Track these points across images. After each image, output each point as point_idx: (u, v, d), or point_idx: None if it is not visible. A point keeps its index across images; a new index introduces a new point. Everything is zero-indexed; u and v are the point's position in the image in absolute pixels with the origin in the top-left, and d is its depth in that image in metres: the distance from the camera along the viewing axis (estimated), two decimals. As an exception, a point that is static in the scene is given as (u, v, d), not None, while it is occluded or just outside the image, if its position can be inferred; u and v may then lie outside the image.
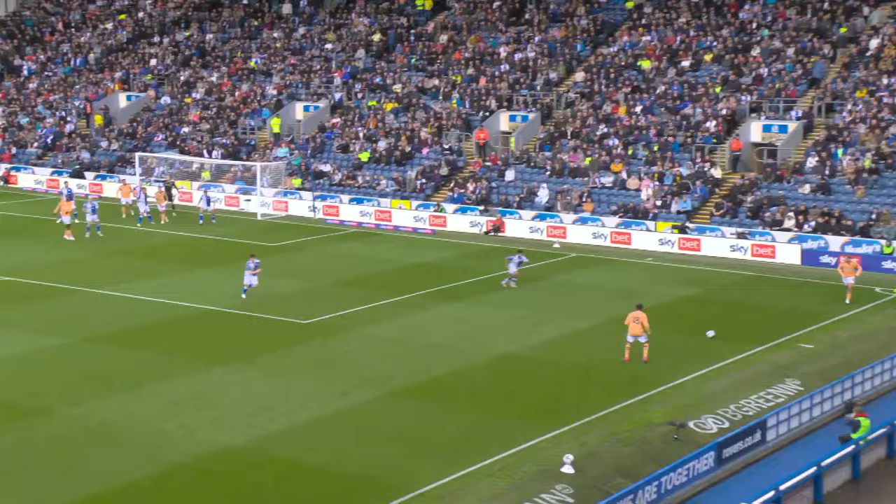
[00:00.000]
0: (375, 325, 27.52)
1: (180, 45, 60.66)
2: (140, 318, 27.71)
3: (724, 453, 18.85)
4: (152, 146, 52.41)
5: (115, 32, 63.53)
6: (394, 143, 48.44)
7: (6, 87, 60.97)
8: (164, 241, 38.79)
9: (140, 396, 21.54)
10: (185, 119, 53.96)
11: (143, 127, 54.18)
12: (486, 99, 49.36)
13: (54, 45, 64.01)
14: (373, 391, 22.35)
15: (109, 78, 58.89)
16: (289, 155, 49.42)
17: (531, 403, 22.00)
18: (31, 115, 57.31)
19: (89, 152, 52.92)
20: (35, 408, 20.67)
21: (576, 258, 37.24)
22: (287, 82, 54.66)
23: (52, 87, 59.74)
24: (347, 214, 44.51)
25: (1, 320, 27.09)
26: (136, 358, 24.24)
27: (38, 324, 26.85)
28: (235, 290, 31.26)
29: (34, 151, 54.37)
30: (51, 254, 35.79)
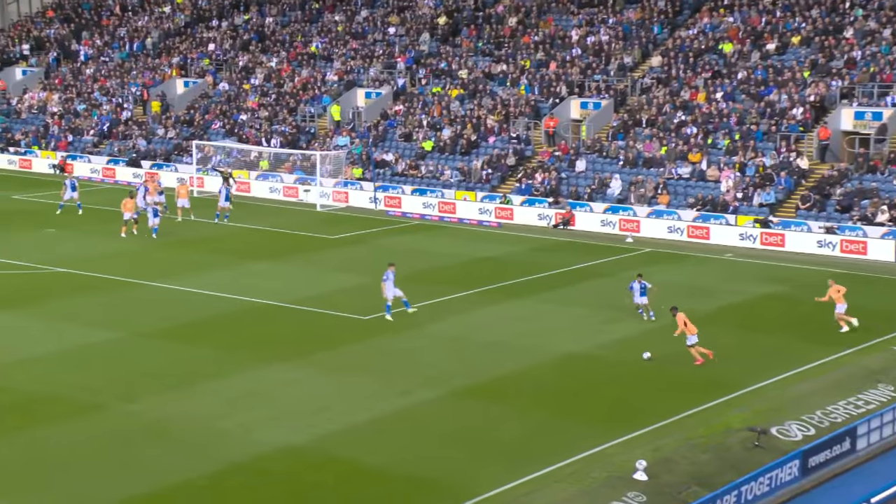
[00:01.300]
0: (438, 322, 27.67)
1: (239, 29, 61.58)
2: (195, 313, 28.25)
3: (809, 462, 18.56)
4: (209, 134, 53.34)
5: (173, 16, 64.72)
6: (459, 132, 48.54)
7: (63, 73, 62.58)
8: (221, 233, 39.46)
9: (196, 393, 21.97)
10: (243, 106, 54.79)
11: (201, 114, 55.16)
12: (557, 85, 49.17)
13: (111, 30, 65.48)
14: (434, 390, 22.49)
15: (167, 63, 60.05)
16: (349, 144, 49.86)
17: (600, 405, 21.93)
18: (87, 102, 58.76)
19: (146, 140, 54.07)
20: (91, 404, 21.24)
21: (649, 254, 36.93)
22: (348, 68, 55.13)
23: (108, 72, 61.13)
24: (410, 206, 44.75)
25: (56, 313, 27.85)
26: (192, 354, 24.72)
27: (93, 317, 27.56)
28: (292, 283, 31.68)
29: (90, 139, 55.74)
30: (106, 245, 36.66)
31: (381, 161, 48.09)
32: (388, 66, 54.42)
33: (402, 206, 44.96)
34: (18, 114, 59.85)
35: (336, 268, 33.99)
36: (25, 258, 33.85)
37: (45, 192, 46.08)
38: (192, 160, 49.62)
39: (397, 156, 48.45)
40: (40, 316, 27.46)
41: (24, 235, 37.98)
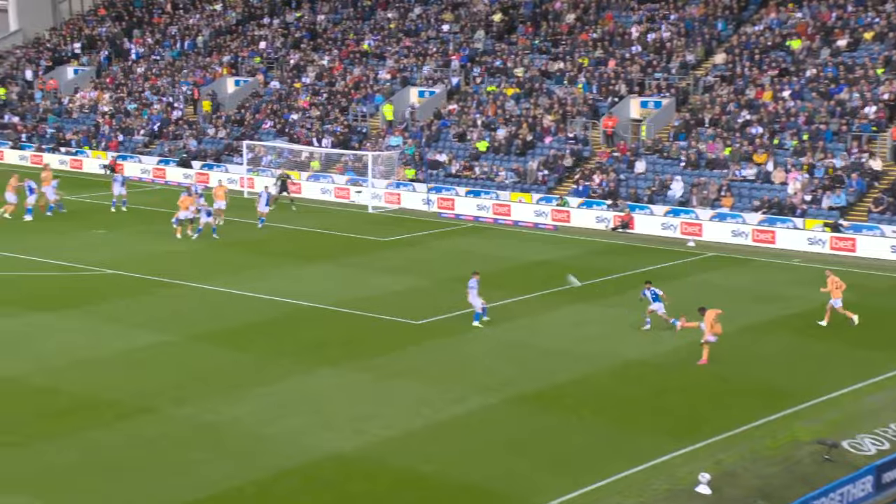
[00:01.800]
0: (493, 327, 27.55)
1: (290, 27, 62.10)
2: (245, 316, 28.46)
3: (884, 478, 18.12)
4: (260, 134, 53.82)
5: (224, 14, 65.46)
6: (514, 132, 48.41)
7: (114, 72, 63.62)
8: (270, 235, 39.76)
9: (245, 398, 22.12)
10: (294, 105, 55.22)
11: (251, 113, 55.70)
12: (616, 83, 48.79)
13: (162, 28, 66.42)
14: (490, 397, 22.38)
15: (217, 62, 60.75)
16: (402, 144, 49.98)
17: (662, 415, 21.65)
18: (138, 101, 59.64)
19: (196, 140, 54.71)
20: (140, 407, 21.49)
21: (712, 258, 36.47)
22: (401, 66, 55.27)
23: (159, 71, 62.00)
24: (464, 208, 44.72)
25: (106, 315, 28.25)
26: (241, 357, 24.91)
27: (142, 320, 27.91)
28: (343, 286, 31.79)
29: (141, 139, 56.54)
30: (155, 246, 37.12)
31: (434, 162, 48.12)
32: (442, 64, 54.47)
33: (455, 207, 44.94)
34: (70, 113, 60.96)
35: (388, 270, 34.04)
36: (75, 259, 34.40)
37: (96, 193, 46.84)
38: (242, 160, 50.09)
39: (451, 156, 48.44)
40: (90, 318, 27.87)
41: (74, 236, 38.62)
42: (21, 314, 27.82)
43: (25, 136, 59.49)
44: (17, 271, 32.81)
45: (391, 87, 54.09)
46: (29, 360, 24.13)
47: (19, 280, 31.88)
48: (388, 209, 45.87)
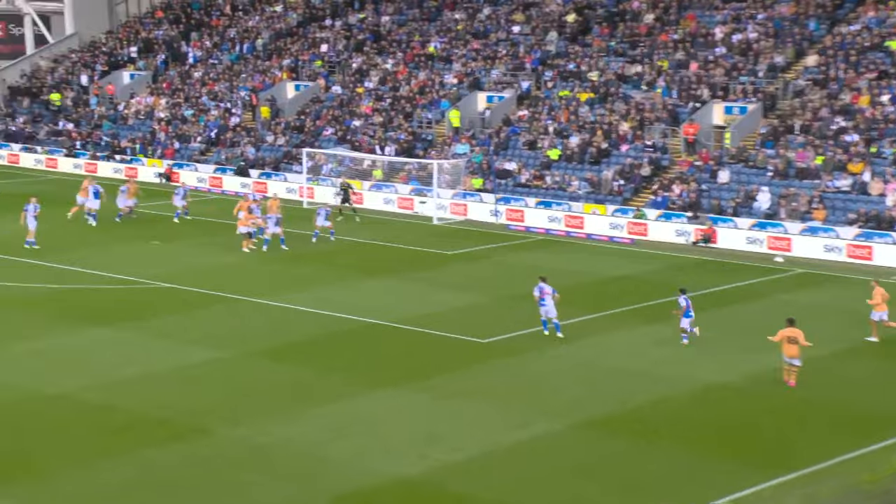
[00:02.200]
0: (564, 346, 27.54)
1: (353, 29, 62.78)
2: (303, 332, 28.81)
3: None
4: (320, 141, 54.45)
5: (285, 15, 66.43)
6: (588, 139, 48.28)
7: (170, 77, 64.91)
8: (330, 247, 40.17)
9: (302, 418, 22.38)
10: (356, 111, 55.77)
11: (312, 120, 56.39)
12: (698, 87, 48.40)
13: (221, 30, 67.60)
14: (559, 421, 22.34)
15: (277, 65, 61.64)
16: (469, 152, 50.15)
17: (747, 443, 21.38)
18: (195, 107, 60.76)
19: (254, 147, 55.54)
20: (194, 427, 21.87)
21: (802, 275, 35.93)
22: (469, 70, 55.51)
23: (217, 75, 63.11)
24: (534, 220, 44.69)
25: (159, 331, 28.82)
26: (298, 375, 25.22)
27: (197, 335, 28.42)
28: (406, 302, 31.97)
29: (197, 146, 57.58)
30: (212, 258, 37.79)
31: (502, 171, 48.18)
32: (512, 67, 54.57)
33: (525, 219, 44.93)
34: (125, 119, 62.33)
35: (453, 286, 34.16)
36: (129, 272, 35.16)
37: (151, 203, 47.80)
38: (302, 169, 50.72)
39: (521, 165, 48.47)
40: (144, 333, 28.47)
41: (128, 248, 39.47)
42: (76, 329, 28.53)
43: (80, 143, 60.95)
44: (72, 284, 33.64)
45: (458, 91, 54.33)
46: (84, 376, 24.76)
47: (74, 294, 32.70)
48: (454, 221, 46.01)
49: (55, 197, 48.61)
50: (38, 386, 24.01)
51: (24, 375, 24.81)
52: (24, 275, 34.51)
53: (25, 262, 36.15)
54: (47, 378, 24.58)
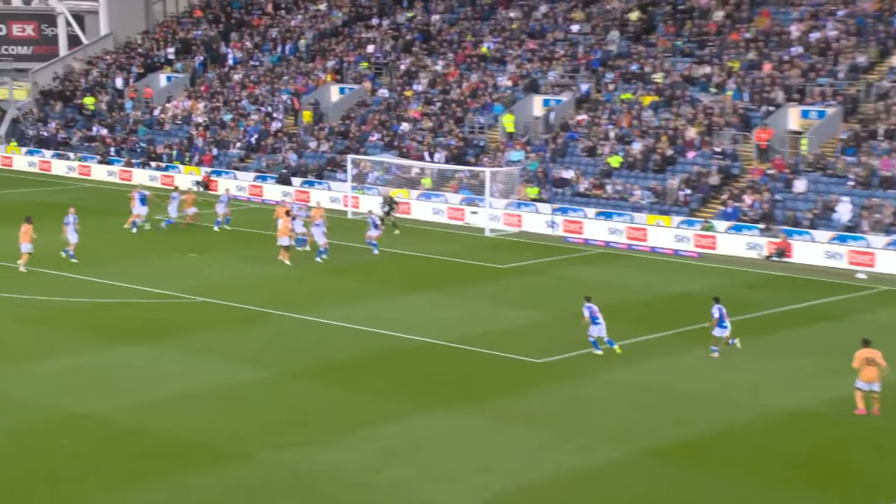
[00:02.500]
0: (624, 368, 27.47)
1: (401, 29, 63.19)
2: (349, 350, 28.98)
3: None
4: (366, 147, 54.83)
5: (329, 14, 67.02)
6: (652, 145, 48.14)
7: (209, 79, 65.74)
8: (377, 261, 40.43)
9: (348, 443, 22.50)
10: (404, 115, 56.10)
11: (357, 125, 56.81)
12: (772, 90, 48.11)
13: (262, 30, 68.38)
14: (620, 448, 22.30)
15: (321, 67, 62.21)
16: (524, 159, 50.23)
17: (821, 476, 21.20)
18: (234, 111, 61.48)
19: (296, 154, 56.07)
20: (236, 451, 22.06)
21: (886, 293, 35.52)
22: (524, 71, 55.62)
23: (257, 78, 63.83)
24: (593, 232, 44.63)
25: (198, 348, 29.14)
26: (345, 397, 25.39)
27: (237, 353, 28.67)
28: (456, 319, 32.08)
29: (236, 153, 58.25)
30: (252, 271, 38.20)
31: (560, 179, 48.20)
32: (571, 69, 54.59)
33: (583, 231, 44.88)
34: (161, 124, 63.22)
35: (506, 302, 34.20)
36: (165, 285, 35.62)
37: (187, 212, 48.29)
38: (346, 177, 51.09)
39: (579, 173, 48.45)
40: (180, 351, 28.81)
41: (164, 260, 40.02)
42: (109, 346, 28.96)
43: (114, 149, 61.89)
44: (105, 298, 34.20)
45: (512, 95, 54.46)
46: (116, 396, 25.09)
47: (107, 309, 33.21)
48: (508, 232, 46.07)
49: (89, 206, 49.39)
50: (68, 406, 24.37)
51: (54, 394, 25.20)
52: (55, 288, 35.12)
53: (58, 275, 36.79)
54: (78, 397, 24.94)
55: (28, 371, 26.86)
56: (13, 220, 46.72)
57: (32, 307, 32.90)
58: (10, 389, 25.49)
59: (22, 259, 36.84)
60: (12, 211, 49.85)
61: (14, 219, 46.86)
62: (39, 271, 37.07)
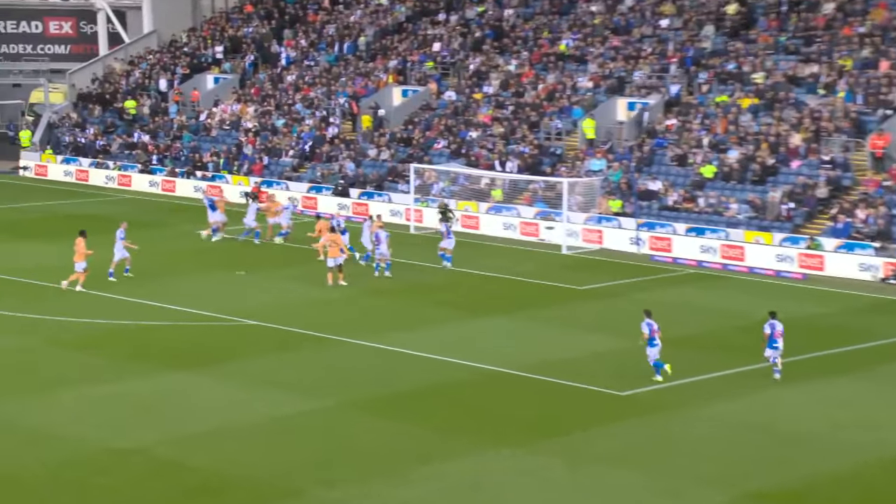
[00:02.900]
0: (721, 403, 27.18)
1: (471, 24, 63.29)
2: (410, 380, 28.97)
3: None
4: (431, 155, 54.92)
5: (391, 9, 67.37)
6: (751, 153, 47.62)
7: (260, 81, 66.39)
8: (443, 281, 40.41)
9: (409, 481, 22.46)
10: (472, 120, 56.12)
11: (421, 131, 56.95)
12: (889, 91, 47.33)
13: (318, 27, 68.94)
14: (715, 492, 22.00)
15: (382, 67, 62.52)
16: (606, 168, 49.96)
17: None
18: (287, 116, 61.98)
19: (354, 163, 56.33)
20: (283, 488, 22.11)
21: None
22: (607, 71, 55.37)
23: (313, 79, 64.30)
24: (683, 249, 44.24)
25: (245, 376, 29.32)
26: (404, 431, 25.34)
27: (288, 382, 28.80)
28: (530, 346, 31.89)
29: (289, 161, 58.68)
30: (305, 291, 38.32)
31: (646, 191, 47.85)
32: (659, 68, 54.23)
33: (672, 249, 44.51)
34: (208, 130, 63.93)
35: (586, 327, 34.01)
36: (210, 307, 35.90)
37: (236, 227, 48.80)
38: (408, 188, 51.19)
39: (668, 184, 48.06)
40: (226, 379, 28.99)
41: (209, 278, 40.37)
42: (150, 373, 29.24)
43: (156, 157, 62.66)
44: (147, 320, 34.54)
45: (594, 97, 54.23)
46: (157, 428, 25.32)
47: (149, 332, 33.55)
48: (587, 250, 45.84)
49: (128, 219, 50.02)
50: (105, 438, 24.60)
51: (90, 426, 25.48)
52: (92, 309, 35.56)
53: (95, 295, 37.22)
54: (115, 429, 25.19)
55: (62, 400, 27.20)
56: (46, 234, 47.72)
57: (68, 330, 33.36)
58: (43, 421, 25.83)
59: (77, 278, 37.06)
60: (45, 225, 50.76)
61: (48, 233, 47.84)
62: (76, 290, 37.51)
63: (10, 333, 32.99)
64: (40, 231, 48.86)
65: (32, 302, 36.41)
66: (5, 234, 47.80)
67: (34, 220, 52.13)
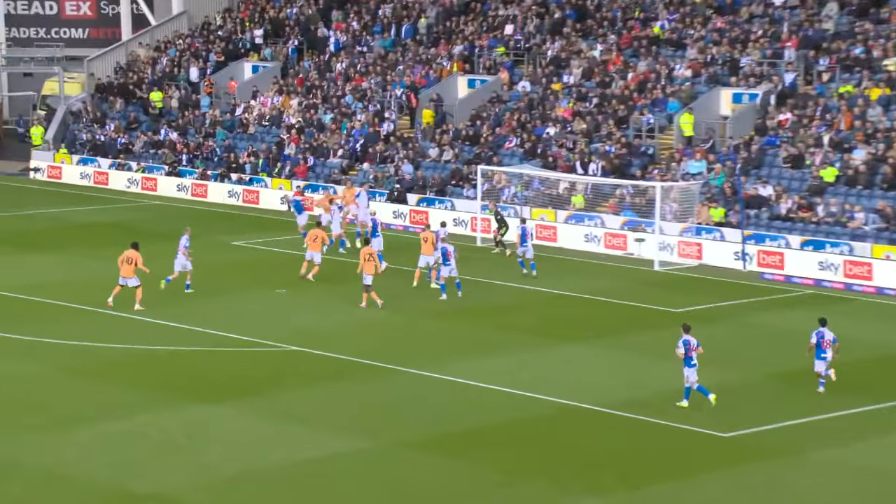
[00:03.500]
0: (842, 446, 27.01)
1: (549, 4, 63.27)
2: (474, 416, 28.91)
3: None
4: (501, 155, 54.92)
5: (457, -13, 67.46)
6: (881, 154, 47.15)
7: (305, 69, 66.79)
8: (512, 301, 40.34)
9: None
10: (550, 115, 56.08)
11: (490, 127, 56.99)
12: None
13: (372, 8, 69.22)
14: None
15: (445, 54, 62.66)
16: (706, 171, 49.68)
17: None
18: (335, 110, 62.27)
19: (412, 164, 56.48)
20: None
21: None
22: (708, 57, 55.09)
23: (365, 68, 64.58)
24: (798, 266, 43.95)
25: (285, 409, 29.42)
26: (468, 473, 25.32)
27: (332, 417, 28.90)
28: (618, 377, 31.78)
29: (337, 162, 58.94)
30: (349, 313, 38.44)
31: (754, 198, 47.51)
32: (771, 54, 53.86)
33: (785, 266, 44.24)
34: (245, 127, 64.41)
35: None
36: (246, 330, 36.13)
37: (275, 237, 49.13)
38: (475, 193, 51.21)
39: (780, 190, 47.70)
40: (264, 412, 29.13)
41: (246, 297, 40.64)
42: (177, 406, 29.44)
43: (186, 157, 63.20)
44: (177, 345, 34.89)
45: (692, 88, 53.98)
46: (183, 470, 25.46)
47: (177, 359, 33.85)
48: (683, 266, 45.65)
49: (153, 229, 50.58)
50: (125, 481, 24.77)
51: (109, 467, 25.65)
52: (113, 332, 35.99)
53: (117, 316, 37.65)
54: (137, 471, 25.35)
55: (74, 437, 27.40)
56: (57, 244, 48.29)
57: (85, 355, 33.72)
58: (53, 460, 26.02)
59: (136, 297, 37.77)
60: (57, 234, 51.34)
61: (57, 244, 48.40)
62: (92, 310, 37.97)
63: (17, 359, 33.44)
64: (49, 242, 49.20)
65: (43, 323, 36.84)
66: (9, 247, 48.21)
67: (42, 231, 52.47)
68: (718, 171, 49.40)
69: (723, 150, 50.83)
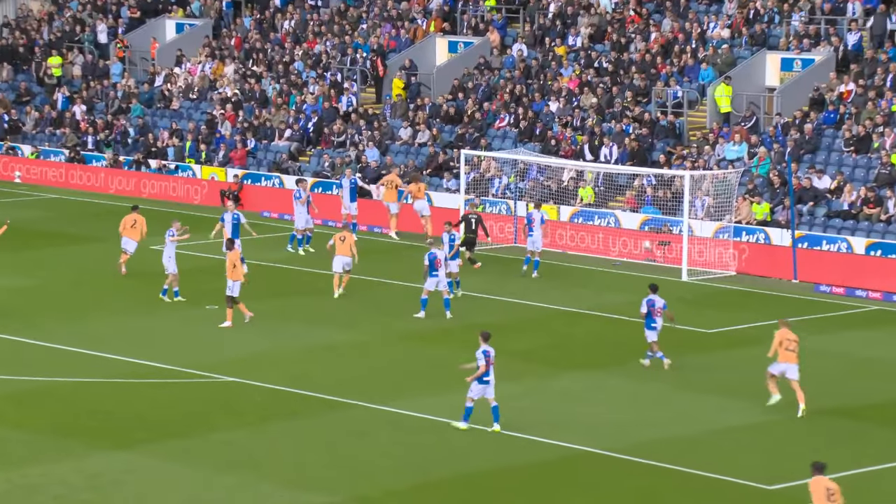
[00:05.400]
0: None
1: (549, -52, 63.35)
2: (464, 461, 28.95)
3: None
4: (490, 137, 55.00)
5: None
6: (964, 135, 47.43)
7: (243, 29, 66.61)
8: (510, 319, 40.30)
9: None
10: (552, 86, 56.15)
11: (477, 101, 57.03)
12: None
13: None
14: None
15: (420, 9, 62.64)
16: (747, 157, 49.83)
17: None
18: (283, 80, 62.18)
19: (379, 148, 56.47)
20: None
21: None
22: (750, 13, 55.22)
23: (319, 27, 64.54)
24: (863, 276, 44.25)
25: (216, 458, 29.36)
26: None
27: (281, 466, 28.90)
28: (640, 414, 31.88)
29: (284, 146, 58.89)
30: (302, 334, 38.57)
31: (807, 189, 47.69)
32: (829, 9, 54.01)
33: (846, 275, 44.37)
34: (168, 101, 64.30)
35: (717, 389, 34.01)
36: (167, 356, 36.06)
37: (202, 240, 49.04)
38: (458, 184, 51.26)
39: (840, 180, 47.88)
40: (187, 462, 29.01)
41: (167, 316, 40.63)
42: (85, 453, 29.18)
43: (92, 138, 63.00)
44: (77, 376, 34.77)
45: (731, 52, 54.13)
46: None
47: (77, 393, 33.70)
48: (718, 276, 45.81)
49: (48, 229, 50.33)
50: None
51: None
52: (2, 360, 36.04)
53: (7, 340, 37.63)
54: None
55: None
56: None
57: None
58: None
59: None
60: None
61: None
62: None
63: None
64: None
65: None
66: None
67: None
68: (763, 156, 49.53)
69: (768, 131, 51.00)
